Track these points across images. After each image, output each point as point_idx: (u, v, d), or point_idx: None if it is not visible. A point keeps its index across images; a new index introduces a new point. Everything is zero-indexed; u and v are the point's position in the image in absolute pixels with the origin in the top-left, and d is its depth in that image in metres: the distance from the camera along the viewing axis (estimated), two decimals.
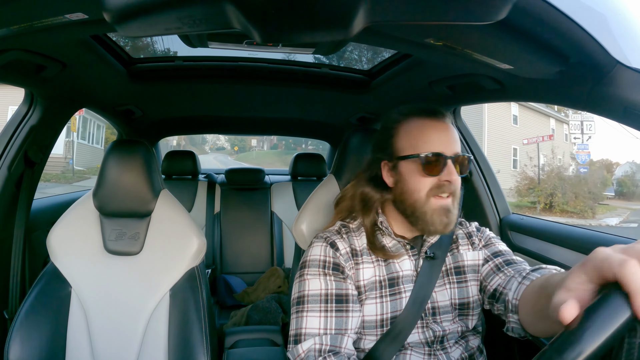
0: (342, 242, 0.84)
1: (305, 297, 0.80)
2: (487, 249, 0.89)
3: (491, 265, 0.86)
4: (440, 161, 0.78)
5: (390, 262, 0.84)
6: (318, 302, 0.78)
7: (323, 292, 0.79)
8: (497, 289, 0.81)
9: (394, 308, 0.81)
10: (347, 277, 0.81)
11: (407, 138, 0.82)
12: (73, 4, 0.64)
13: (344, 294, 0.79)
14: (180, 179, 2.42)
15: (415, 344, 0.81)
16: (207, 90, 1.66)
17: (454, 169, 0.78)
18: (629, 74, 0.67)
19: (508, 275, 0.80)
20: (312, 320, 0.77)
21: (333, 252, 0.83)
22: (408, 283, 0.83)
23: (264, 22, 0.51)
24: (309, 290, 0.80)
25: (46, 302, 1.00)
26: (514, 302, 0.74)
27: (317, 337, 0.76)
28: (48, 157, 1.35)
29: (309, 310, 0.78)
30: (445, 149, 0.79)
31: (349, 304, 0.79)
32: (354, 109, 1.82)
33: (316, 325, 0.77)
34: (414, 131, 0.82)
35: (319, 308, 0.78)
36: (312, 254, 0.84)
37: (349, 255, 0.83)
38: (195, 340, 0.99)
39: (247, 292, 2.01)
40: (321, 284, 0.80)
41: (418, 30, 0.74)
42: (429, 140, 0.79)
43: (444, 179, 0.78)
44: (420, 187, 0.79)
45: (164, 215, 1.10)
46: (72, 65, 1.06)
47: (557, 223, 1.29)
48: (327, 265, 0.81)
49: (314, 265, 0.82)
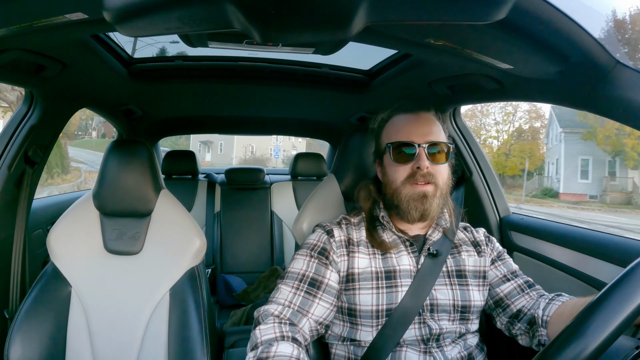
0: (338, 231, 0.89)
1: (288, 273, 0.86)
2: (503, 265, 0.92)
3: (514, 285, 0.90)
4: (409, 149, 0.83)
5: (388, 256, 0.86)
6: (294, 279, 0.84)
7: (302, 272, 0.84)
8: (521, 309, 0.86)
9: (389, 300, 0.83)
10: (331, 263, 0.85)
11: (387, 134, 0.89)
12: (73, 4, 0.64)
13: (319, 280, 0.83)
14: (180, 179, 2.42)
15: (410, 341, 0.82)
16: (207, 90, 1.66)
17: (424, 155, 0.82)
18: (629, 74, 0.67)
19: (533, 299, 0.87)
20: (283, 292, 0.83)
21: (327, 239, 0.88)
22: (406, 278, 0.84)
23: (264, 22, 0.51)
24: (292, 267, 0.86)
25: (46, 301, 1.01)
26: (545, 318, 0.81)
27: (280, 306, 0.80)
28: (48, 157, 1.35)
29: (285, 283, 0.84)
30: (415, 138, 0.83)
31: (319, 290, 0.83)
32: (354, 108, 1.82)
33: (284, 297, 0.82)
34: (392, 126, 0.89)
35: (292, 284, 0.83)
36: (309, 239, 0.90)
37: (342, 243, 0.87)
38: (195, 340, 0.99)
39: (247, 292, 2.01)
40: (303, 264, 0.85)
41: (418, 30, 0.74)
42: (400, 131, 0.86)
43: (415, 165, 0.82)
44: (396, 176, 0.85)
45: (164, 215, 1.10)
46: (72, 65, 1.06)
47: (558, 223, 1.29)
48: (316, 248, 0.87)
49: (305, 247, 0.88)
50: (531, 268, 1.26)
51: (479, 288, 0.88)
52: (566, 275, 1.13)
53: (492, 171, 1.49)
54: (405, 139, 0.84)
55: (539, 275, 1.22)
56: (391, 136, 0.87)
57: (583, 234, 1.13)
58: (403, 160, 0.83)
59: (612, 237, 1.06)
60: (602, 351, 0.40)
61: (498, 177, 1.52)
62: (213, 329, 1.07)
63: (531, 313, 0.84)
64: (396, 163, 0.84)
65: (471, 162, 1.46)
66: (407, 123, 0.86)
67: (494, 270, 0.92)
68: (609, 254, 1.01)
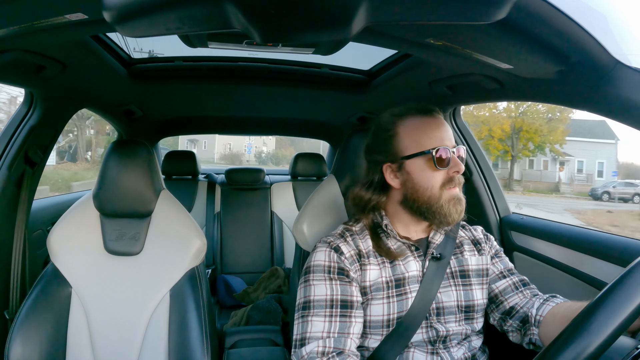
0: (346, 246, 0.85)
1: (311, 302, 0.80)
2: (500, 262, 0.93)
3: (509, 282, 0.90)
4: (448, 154, 0.81)
5: (396, 263, 0.85)
6: (323, 307, 0.79)
7: (329, 297, 0.80)
8: (514, 307, 0.87)
9: (400, 308, 0.82)
10: (353, 280, 0.82)
11: (410, 137, 0.83)
12: (73, 4, 0.64)
13: (349, 300, 0.80)
14: (180, 179, 2.42)
15: (418, 343, 0.82)
16: (207, 90, 1.66)
17: (457, 160, 0.82)
18: (629, 74, 0.67)
19: (527, 297, 0.88)
20: (317, 325, 0.78)
21: (337, 257, 0.83)
22: (414, 283, 0.84)
23: (264, 22, 0.51)
24: (314, 295, 0.81)
25: (46, 302, 1.00)
26: (538, 318, 0.82)
27: (320, 340, 0.76)
28: (48, 157, 1.35)
29: (314, 315, 0.79)
30: (448, 143, 0.82)
31: (352, 309, 0.80)
32: (354, 108, 1.82)
33: (320, 329, 0.78)
34: (415, 130, 0.83)
35: (324, 313, 0.79)
36: (316, 259, 0.84)
37: (354, 258, 0.84)
38: (196, 341, 0.99)
39: (248, 292, 2.01)
40: (327, 289, 0.81)
41: (418, 30, 0.74)
42: (432, 136, 0.82)
43: (453, 170, 0.81)
44: (432, 182, 0.81)
45: (165, 216, 1.10)
46: (72, 65, 1.06)
47: (558, 223, 1.29)
48: (332, 270, 0.82)
49: (319, 271, 0.83)
50: (531, 268, 1.26)
51: (481, 287, 0.89)
52: (566, 275, 1.13)
53: (492, 171, 1.49)
54: (440, 143, 0.81)
55: (539, 275, 1.22)
56: (421, 140, 0.82)
57: (583, 234, 1.13)
58: (443, 165, 0.80)
59: (612, 237, 1.06)
60: (602, 351, 0.40)
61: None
62: (213, 330, 1.07)
63: (524, 311, 0.85)
64: (437, 168, 0.80)
65: (471, 162, 1.46)
66: (436, 127, 0.83)
67: (491, 267, 0.92)
68: (609, 253, 1.01)
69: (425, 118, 0.84)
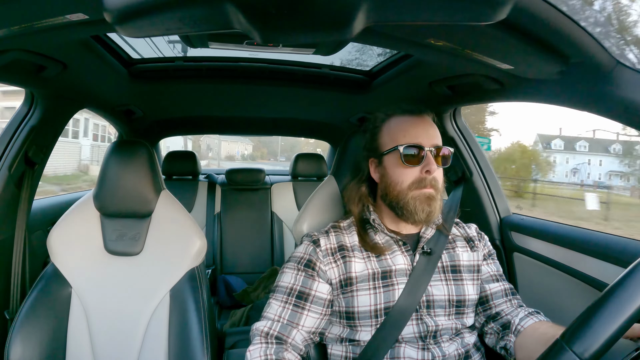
0: (325, 239, 0.88)
1: (277, 287, 0.87)
2: (493, 264, 0.95)
3: (501, 287, 0.92)
4: (418, 151, 0.82)
5: (383, 257, 0.86)
6: (283, 293, 0.85)
7: (290, 285, 0.85)
8: (500, 312, 0.90)
9: (387, 299, 0.83)
10: (318, 273, 0.85)
11: (389, 134, 0.88)
12: (73, 4, 0.64)
13: (306, 293, 0.84)
14: (180, 179, 2.42)
15: (409, 338, 0.82)
16: (207, 91, 1.66)
17: (432, 159, 0.83)
18: (629, 74, 0.67)
19: (513, 306, 0.90)
20: (273, 307, 0.84)
21: (312, 249, 0.87)
22: (402, 276, 0.85)
23: (265, 23, 0.51)
24: (280, 281, 0.87)
25: (47, 302, 1.00)
26: (519, 327, 0.84)
27: (270, 322, 0.82)
28: (48, 158, 1.35)
29: (274, 298, 0.86)
30: (423, 141, 0.83)
31: (307, 302, 0.84)
32: (354, 109, 1.82)
33: (274, 312, 0.84)
34: (395, 127, 0.88)
35: (281, 298, 0.85)
36: (296, 251, 0.90)
37: (329, 252, 0.87)
38: (196, 341, 0.99)
39: (248, 292, 2.01)
40: (291, 278, 0.86)
41: (418, 31, 0.74)
42: (407, 134, 0.85)
43: (425, 169, 0.82)
44: (402, 178, 0.84)
45: (165, 216, 1.10)
46: (73, 65, 1.06)
47: (558, 223, 1.29)
48: (302, 261, 0.87)
49: (293, 261, 0.88)
50: (531, 268, 1.26)
51: (473, 282, 0.90)
52: (566, 275, 1.13)
53: (493, 171, 1.49)
54: (413, 141, 0.83)
55: (539, 276, 1.22)
56: (396, 137, 0.85)
57: (583, 234, 1.13)
58: (413, 163, 0.82)
59: (612, 237, 1.05)
60: (603, 352, 0.40)
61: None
62: (213, 330, 1.07)
63: (507, 318, 0.88)
64: (406, 165, 0.83)
65: (471, 162, 1.46)
66: (414, 125, 0.86)
67: (485, 266, 0.93)
68: (609, 254, 1.00)
69: (408, 117, 0.87)
